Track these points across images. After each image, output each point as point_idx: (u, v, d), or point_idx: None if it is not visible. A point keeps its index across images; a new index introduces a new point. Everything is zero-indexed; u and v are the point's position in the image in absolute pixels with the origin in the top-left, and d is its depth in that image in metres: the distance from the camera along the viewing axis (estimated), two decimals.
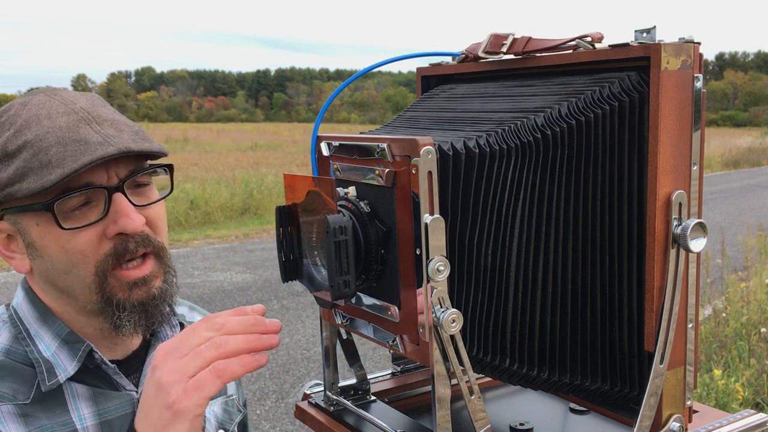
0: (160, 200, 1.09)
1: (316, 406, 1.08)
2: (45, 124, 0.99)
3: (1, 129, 1.02)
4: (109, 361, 1.09)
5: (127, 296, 1.03)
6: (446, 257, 0.76)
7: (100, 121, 1.02)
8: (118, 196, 1.01)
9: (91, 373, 1.07)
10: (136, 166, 1.04)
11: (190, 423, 0.82)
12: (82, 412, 1.05)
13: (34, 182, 0.96)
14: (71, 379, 1.05)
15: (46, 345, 1.06)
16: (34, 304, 1.08)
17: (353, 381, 1.09)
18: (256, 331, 0.85)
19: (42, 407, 1.02)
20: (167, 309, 1.09)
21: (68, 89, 1.12)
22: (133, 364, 1.14)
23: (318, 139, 0.94)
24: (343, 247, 0.78)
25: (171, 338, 0.89)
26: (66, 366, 1.05)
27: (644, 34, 0.83)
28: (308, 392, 1.12)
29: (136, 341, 1.15)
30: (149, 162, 1.09)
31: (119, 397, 1.09)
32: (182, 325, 1.20)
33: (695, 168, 0.85)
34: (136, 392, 1.11)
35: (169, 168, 1.10)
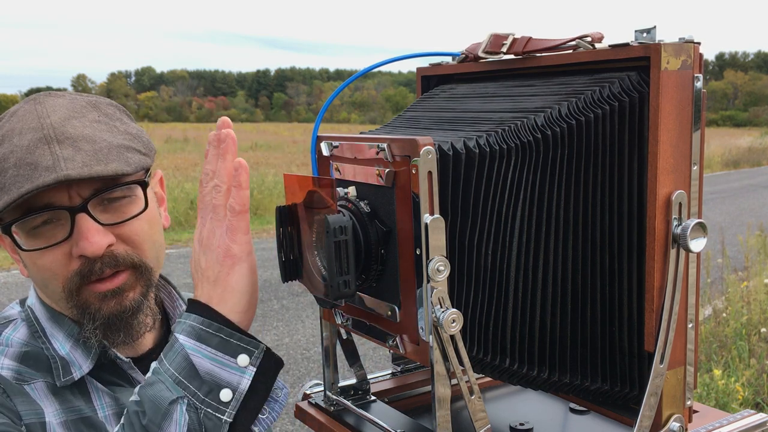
0: (132, 218, 1.05)
1: (316, 406, 1.08)
2: (14, 142, 1.00)
3: None
4: (125, 357, 1.10)
5: (99, 307, 1.03)
6: (446, 257, 0.76)
7: (62, 139, 0.99)
8: (82, 217, 0.99)
9: (107, 368, 1.09)
10: (102, 184, 1.01)
11: (248, 264, 0.89)
12: (104, 400, 1.07)
13: None
14: (89, 375, 1.07)
15: (61, 344, 1.08)
16: (44, 305, 1.10)
17: (353, 381, 1.09)
18: (223, 150, 0.90)
19: (69, 391, 1.05)
20: (143, 319, 1.09)
21: (68, 90, 1.11)
22: (149, 362, 1.14)
23: (318, 139, 0.94)
24: (343, 247, 0.78)
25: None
26: (81, 364, 1.07)
27: (644, 34, 0.83)
28: (308, 392, 1.12)
29: (147, 342, 1.16)
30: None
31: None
32: None
33: (695, 168, 0.85)
34: None
35: (141, 184, 1.07)
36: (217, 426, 0.82)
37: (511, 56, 0.98)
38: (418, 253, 0.76)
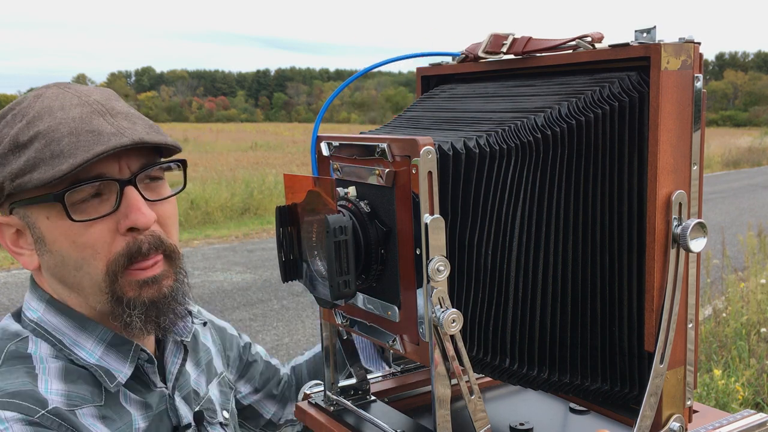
0: (172, 196, 1.06)
1: (316, 406, 1.08)
2: (58, 116, 0.97)
3: (14, 120, 0.99)
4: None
5: (137, 294, 1.00)
6: (446, 257, 0.76)
7: (114, 113, 0.99)
8: (130, 190, 0.98)
9: (132, 373, 1.05)
10: (148, 160, 1.01)
11: None
12: (135, 414, 1.03)
13: (44, 172, 0.93)
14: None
15: (89, 352, 1.02)
16: (66, 314, 1.04)
17: (353, 381, 1.09)
18: None
19: (112, 410, 1.00)
20: (179, 307, 1.04)
21: (78, 84, 1.11)
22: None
23: (318, 139, 0.94)
24: (343, 247, 0.78)
25: None
26: (120, 368, 1.02)
27: (644, 34, 0.83)
28: (308, 392, 1.12)
29: (149, 343, 1.11)
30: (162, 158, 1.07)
31: (154, 395, 1.07)
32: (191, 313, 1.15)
33: (695, 168, 0.85)
34: (166, 388, 1.09)
35: (182, 163, 1.07)
36: None
37: (511, 56, 0.98)
38: (418, 253, 0.76)
